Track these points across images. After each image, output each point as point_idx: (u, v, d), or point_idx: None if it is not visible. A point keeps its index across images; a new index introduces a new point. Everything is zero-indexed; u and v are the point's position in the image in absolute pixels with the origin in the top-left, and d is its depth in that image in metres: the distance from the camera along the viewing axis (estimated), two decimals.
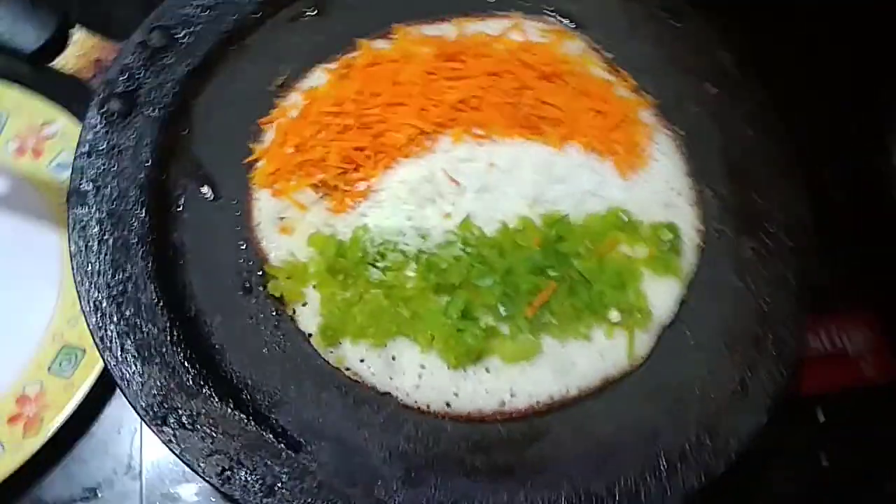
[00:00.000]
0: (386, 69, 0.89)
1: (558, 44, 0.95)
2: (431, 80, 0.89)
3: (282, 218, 0.82)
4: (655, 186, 0.89)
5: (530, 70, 0.91)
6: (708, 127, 0.93)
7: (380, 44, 0.92)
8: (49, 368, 0.97)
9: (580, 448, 0.75)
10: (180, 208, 0.81)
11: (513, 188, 0.86)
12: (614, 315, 0.80)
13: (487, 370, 0.78)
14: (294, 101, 0.88)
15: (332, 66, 0.91)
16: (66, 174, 1.07)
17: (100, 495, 0.94)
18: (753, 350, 0.80)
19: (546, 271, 0.81)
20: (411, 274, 0.80)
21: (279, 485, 0.68)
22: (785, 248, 0.86)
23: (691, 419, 0.76)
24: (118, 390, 0.96)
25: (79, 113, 1.07)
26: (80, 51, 0.82)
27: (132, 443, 0.97)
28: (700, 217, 0.88)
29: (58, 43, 0.81)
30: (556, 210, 0.85)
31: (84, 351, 0.96)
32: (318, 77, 0.90)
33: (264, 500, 0.67)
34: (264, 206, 0.83)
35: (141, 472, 0.92)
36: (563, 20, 0.97)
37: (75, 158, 0.78)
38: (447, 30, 0.94)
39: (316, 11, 0.94)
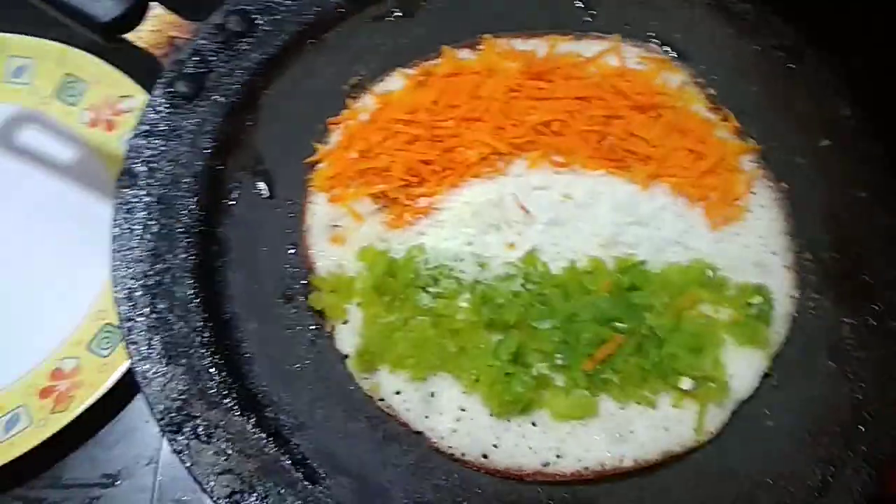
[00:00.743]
0: (467, 81, 0.83)
1: (657, 73, 0.87)
2: (513, 98, 0.83)
3: (335, 226, 0.77)
4: (748, 242, 0.79)
5: (623, 98, 0.84)
6: (815, 183, 0.83)
7: (464, 53, 0.87)
8: (88, 346, 0.95)
9: None
10: (232, 202, 0.77)
11: (587, 225, 0.78)
12: (686, 383, 0.71)
13: (534, 424, 0.70)
14: (366, 104, 0.84)
15: (411, 71, 0.86)
16: None
17: (118, 483, 0.91)
18: (841, 443, 0.70)
19: (613, 322, 0.72)
20: (464, 304, 0.73)
21: None
22: (891, 331, 0.75)
23: None
24: None
25: None
26: (156, 26, 0.80)
27: (159, 435, 0.93)
28: (795, 283, 0.78)
29: (134, 16, 0.79)
30: (633, 255, 0.77)
31: None
32: (395, 81, 0.85)
33: None
34: (319, 211, 0.78)
35: (156, 474, 0.89)
36: (665, 48, 0.89)
37: (132, 137, 0.75)
38: (538, 46, 0.87)
39: (402, 13, 0.89)
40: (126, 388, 0.93)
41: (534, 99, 0.83)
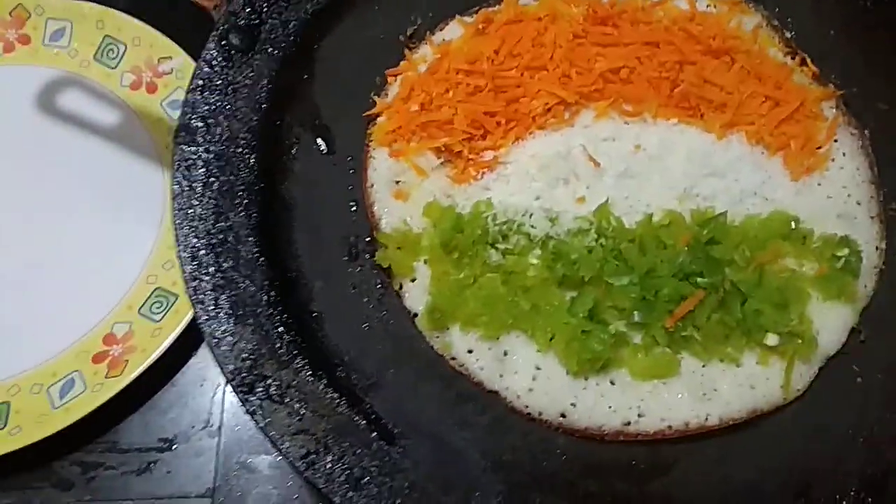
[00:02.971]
0: (529, 28, 0.79)
1: (730, 16, 0.82)
2: (578, 45, 0.79)
3: (398, 182, 0.75)
4: (831, 192, 0.75)
5: (694, 43, 0.79)
6: None
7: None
8: (139, 310, 0.93)
9: (712, 489, 0.64)
10: (291, 159, 0.74)
11: (660, 176, 0.75)
12: (771, 339, 0.68)
13: (612, 383, 0.67)
14: (424, 55, 0.80)
15: (470, 19, 0.82)
16: (179, 113, 1.03)
17: (174, 448, 0.90)
18: None
19: (692, 277, 0.69)
20: (534, 261, 0.70)
21: (367, 479, 0.60)
22: None
23: (852, 472, 0.63)
24: (205, 343, 0.92)
25: (196, 54, 1.03)
26: None
27: (213, 399, 0.92)
28: (882, 234, 0.74)
29: None
30: (710, 207, 0.73)
31: (176, 297, 0.92)
32: (453, 30, 0.82)
33: (348, 494, 0.59)
34: (380, 166, 0.75)
35: (220, 436, 0.88)
36: None
37: (188, 92, 0.72)
38: None
39: None
40: (179, 353, 0.92)
41: (600, 45, 0.79)
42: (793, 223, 0.72)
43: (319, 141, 0.76)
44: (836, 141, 0.77)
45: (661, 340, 0.67)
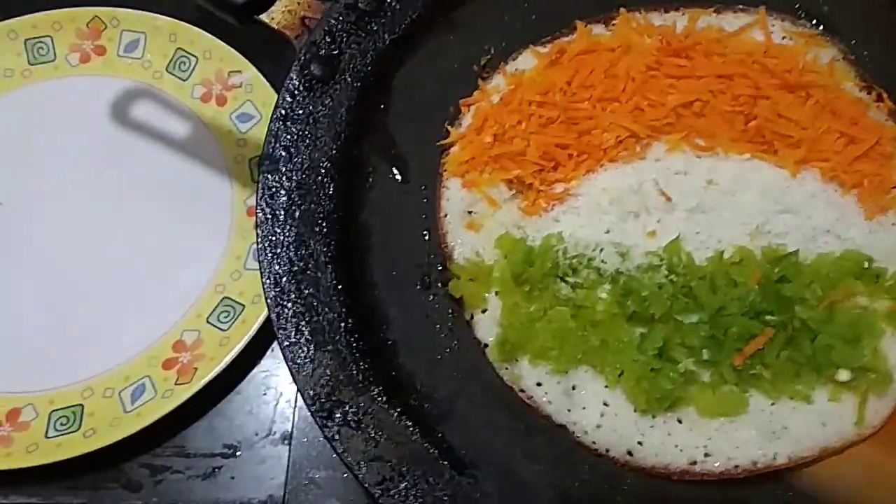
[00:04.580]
0: (602, 58, 0.80)
1: (806, 49, 0.81)
2: (652, 77, 0.79)
3: (470, 212, 0.76)
4: None
5: (769, 76, 0.79)
6: None
7: (598, 29, 0.83)
8: (208, 319, 0.96)
9: None
10: (368, 188, 0.76)
11: (733, 212, 0.74)
12: (843, 374, 0.67)
13: (680, 421, 0.68)
14: (497, 85, 0.81)
15: (543, 49, 0.82)
16: (247, 126, 1.06)
17: (238, 454, 0.93)
18: None
19: (763, 315, 0.69)
20: (604, 296, 0.71)
21: None
22: None
23: None
24: (269, 352, 0.95)
25: (264, 69, 1.06)
26: (288, 6, 0.78)
27: (276, 407, 0.95)
28: None
29: None
30: (782, 245, 0.73)
31: (243, 307, 0.95)
32: (527, 60, 0.82)
33: None
34: (453, 196, 0.77)
35: (290, 450, 0.90)
36: (813, 22, 0.83)
37: (271, 121, 0.75)
38: (677, 20, 0.83)
39: None
40: (245, 361, 0.95)
41: (673, 77, 0.79)
42: (866, 263, 0.72)
43: (395, 170, 0.78)
44: None
45: (729, 378, 0.68)
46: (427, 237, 0.75)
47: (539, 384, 0.70)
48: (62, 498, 0.88)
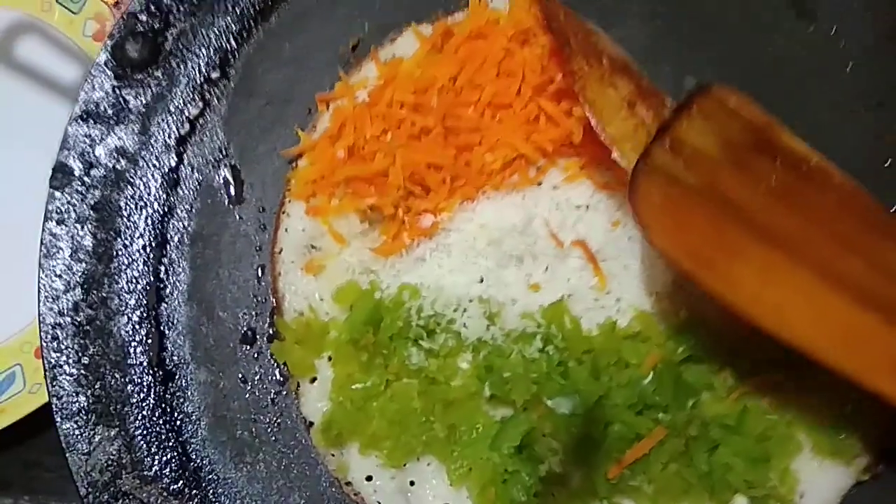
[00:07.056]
0: (495, 47, 0.61)
1: None
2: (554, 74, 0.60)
3: (312, 247, 0.61)
4: None
5: None
6: None
7: (498, 2, 0.63)
8: None
9: None
10: (189, 207, 0.61)
11: (640, 264, 0.59)
12: (740, 501, 0.54)
13: None
14: (366, 77, 0.63)
15: (428, 29, 0.64)
16: None
17: None
18: None
19: (654, 411, 0.56)
20: (465, 366, 0.58)
21: None
22: None
23: None
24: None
25: None
26: None
27: None
28: None
29: None
30: (698, 310, 0.58)
31: None
32: (406, 42, 0.64)
33: None
34: (293, 226, 0.61)
35: None
36: None
37: (69, 122, 0.60)
38: None
39: None
40: None
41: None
42: None
43: (226, 186, 0.62)
44: None
45: (600, 490, 0.55)
46: (260, 274, 0.61)
47: (369, 478, 0.57)
48: None
